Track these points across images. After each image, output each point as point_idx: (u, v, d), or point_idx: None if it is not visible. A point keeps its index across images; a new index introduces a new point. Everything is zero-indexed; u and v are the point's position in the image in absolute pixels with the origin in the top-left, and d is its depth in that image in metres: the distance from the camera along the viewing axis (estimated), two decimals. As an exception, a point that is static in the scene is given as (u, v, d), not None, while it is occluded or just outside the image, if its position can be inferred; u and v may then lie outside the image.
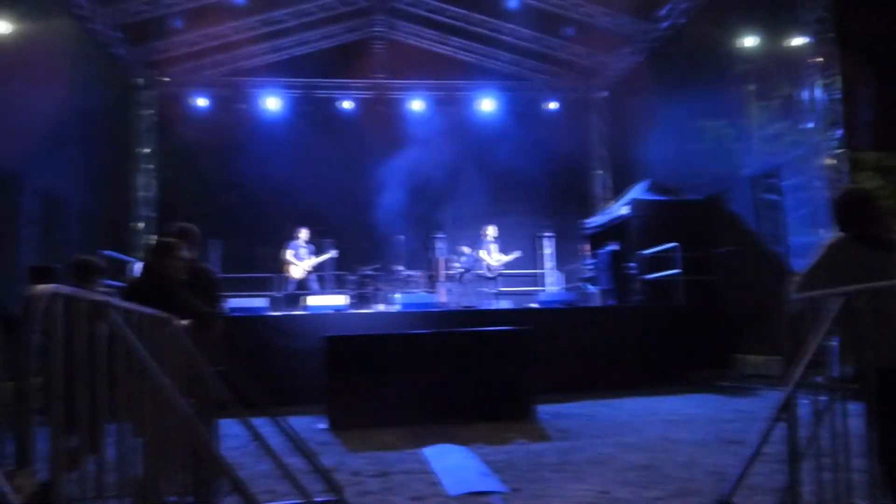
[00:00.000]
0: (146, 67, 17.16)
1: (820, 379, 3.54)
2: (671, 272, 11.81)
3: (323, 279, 15.46)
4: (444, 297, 14.47)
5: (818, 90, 11.14)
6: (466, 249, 14.96)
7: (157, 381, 2.64)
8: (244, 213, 17.86)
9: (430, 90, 18.84)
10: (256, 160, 17.61)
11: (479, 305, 13.61)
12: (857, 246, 3.70)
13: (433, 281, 15.50)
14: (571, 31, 16.91)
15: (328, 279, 16.20)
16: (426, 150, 17.14)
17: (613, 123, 19.22)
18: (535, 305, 12.90)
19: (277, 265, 14.09)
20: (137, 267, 12.82)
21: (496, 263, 14.50)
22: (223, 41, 16.72)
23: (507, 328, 9.22)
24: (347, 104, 18.47)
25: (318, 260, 13.87)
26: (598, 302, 14.36)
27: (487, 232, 14.67)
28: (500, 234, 14.98)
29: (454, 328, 9.77)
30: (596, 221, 15.92)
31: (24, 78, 11.26)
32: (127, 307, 2.70)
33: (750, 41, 12.80)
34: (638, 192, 14.44)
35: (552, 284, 18.04)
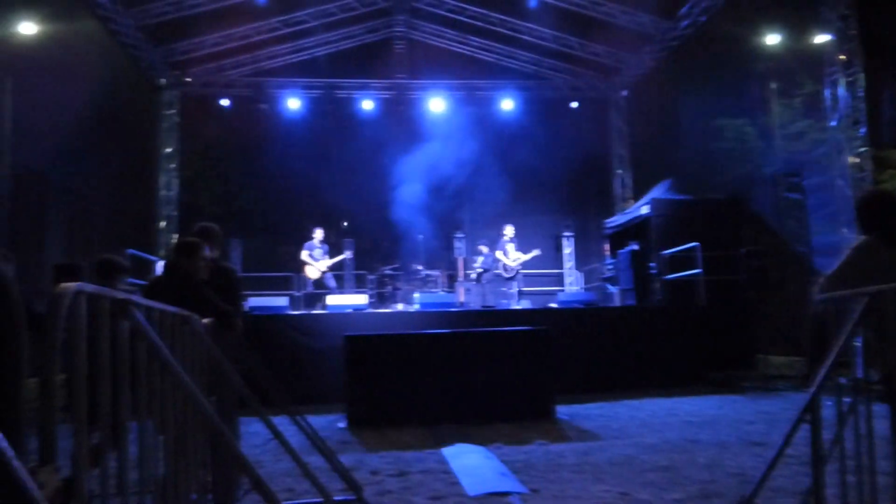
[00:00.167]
0: (169, 68, 17.31)
1: (844, 380, 3.50)
2: (692, 272, 11.73)
3: (342, 279, 15.52)
4: (462, 296, 14.47)
5: (841, 88, 11.01)
6: (484, 249, 14.97)
7: (178, 378, 2.66)
8: (265, 212, 18.00)
9: (450, 90, 18.84)
10: (277, 160, 17.74)
11: (498, 305, 13.60)
12: (881, 247, 3.66)
13: (452, 280, 15.51)
14: (592, 30, 16.85)
15: (348, 278, 16.27)
16: (446, 149, 17.15)
17: (634, 122, 19.11)
18: (554, 305, 12.86)
19: (297, 264, 14.18)
20: (160, 266, 12.96)
21: (513, 263, 14.48)
22: (245, 42, 16.83)
23: (526, 328, 9.20)
24: (368, 104, 18.52)
25: (332, 261, 13.92)
26: (618, 302, 14.30)
27: (505, 232, 14.68)
28: (520, 233, 14.97)
29: (473, 328, 9.76)
30: (616, 221, 15.85)
31: (48, 79, 11.41)
32: (149, 305, 2.73)
33: (771, 39, 12.70)
34: (658, 191, 14.36)
35: (572, 284, 17.99)
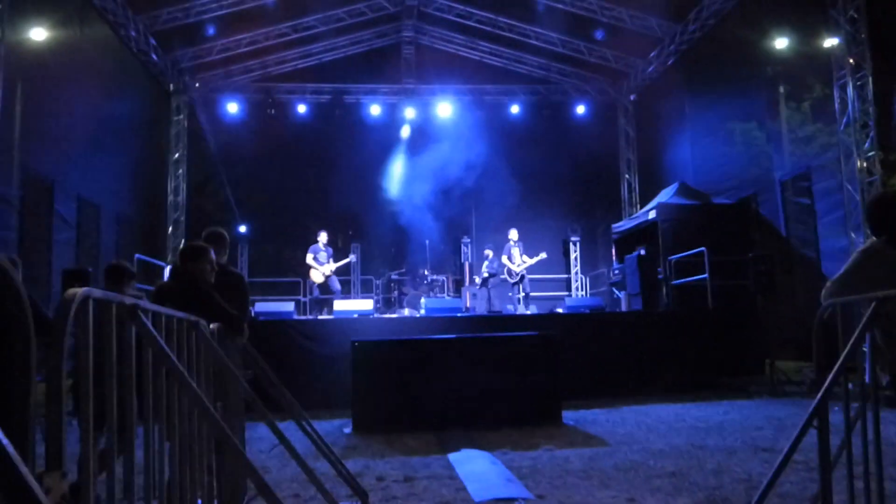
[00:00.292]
0: (178, 73, 17.41)
1: (852, 385, 3.48)
2: (699, 277, 11.70)
3: (349, 283, 15.54)
4: (469, 301, 14.49)
5: (850, 92, 10.98)
6: (489, 253, 15.01)
7: (185, 384, 2.66)
8: (273, 217, 18.07)
9: (458, 94, 18.88)
10: (285, 165, 17.82)
11: (504, 310, 13.59)
12: (888, 251, 3.64)
13: (459, 285, 15.52)
14: (600, 34, 16.86)
15: (354, 283, 16.30)
16: (454, 154, 17.18)
17: (642, 127, 19.11)
18: (561, 310, 12.85)
19: (304, 269, 14.22)
20: (168, 271, 13.01)
21: (518, 268, 14.48)
22: (253, 47, 16.91)
23: (533, 333, 9.18)
24: (376, 109, 18.58)
25: (337, 265, 13.92)
26: (625, 307, 14.27)
27: (510, 236, 14.70)
28: (527, 237, 14.99)
29: (480, 333, 9.75)
30: (624, 225, 15.83)
31: (58, 85, 11.48)
32: (156, 310, 2.74)
33: (780, 43, 12.65)
34: (666, 195, 14.33)
35: (579, 289, 17.97)
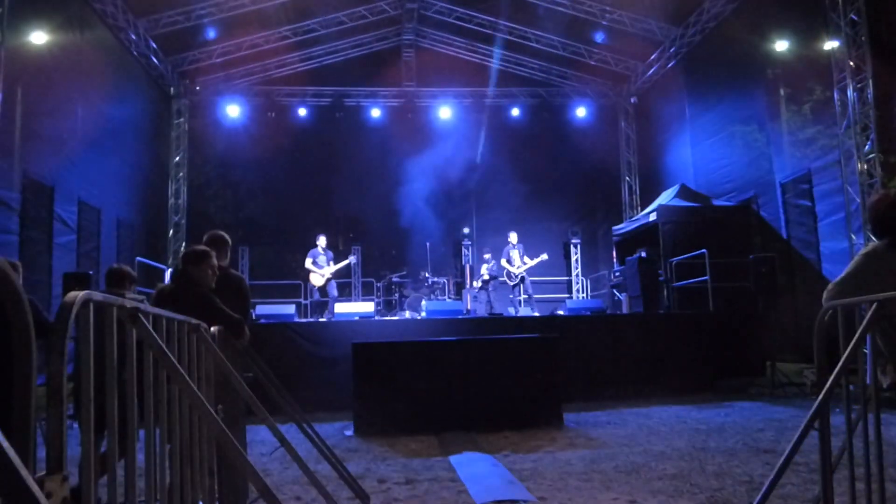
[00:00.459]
0: (179, 77, 17.43)
1: (853, 387, 3.48)
2: (700, 279, 11.70)
3: (349, 286, 15.54)
4: (470, 304, 14.49)
5: (850, 94, 10.98)
6: (488, 255, 15.03)
7: (186, 386, 2.66)
8: (273, 220, 18.09)
9: (458, 97, 18.90)
10: (286, 168, 17.85)
11: (505, 312, 13.59)
12: (892, 253, 3.63)
13: (460, 288, 15.53)
14: (601, 37, 16.88)
15: (355, 285, 16.30)
16: (454, 157, 17.19)
17: (643, 129, 19.14)
18: (562, 312, 12.85)
19: (304, 272, 14.22)
20: (168, 274, 13.02)
21: (517, 270, 14.48)
22: (254, 51, 16.93)
23: (534, 335, 9.18)
24: (376, 112, 18.60)
25: (336, 267, 13.91)
26: (626, 309, 14.27)
27: (509, 238, 14.72)
28: (528, 240, 15.02)
29: (481, 335, 9.75)
30: (625, 228, 15.84)
31: (58, 88, 11.49)
32: (157, 313, 2.74)
33: (780, 45, 12.67)
34: (667, 198, 14.34)
35: (580, 291, 17.98)
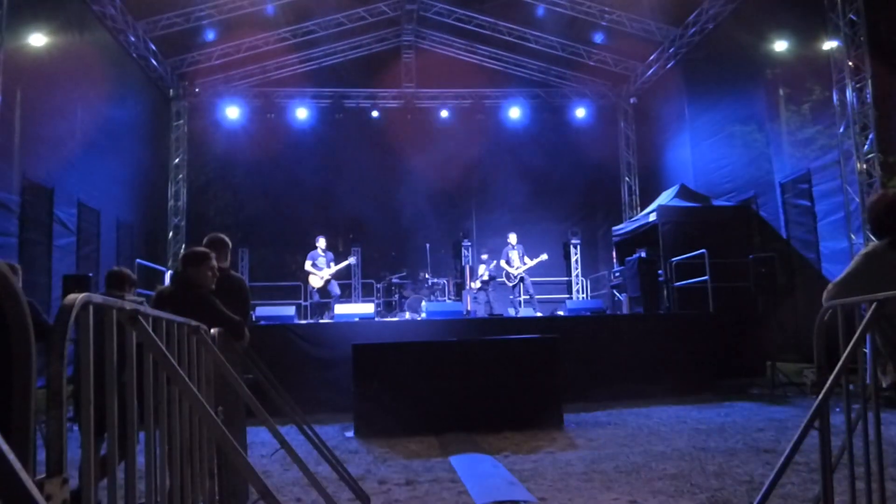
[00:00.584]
0: (178, 79, 17.44)
1: (853, 386, 3.48)
2: (700, 279, 11.71)
3: (349, 287, 15.53)
4: (470, 305, 14.49)
5: (849, 94, 10.99)
6: (485, 256, 15.04)
7: (186, 388, 2.66)
8: (273, 221, 18.09)
9: (458, 98, 18.91)
10: (286, 169, 17.84)
11: (505, 313, 13.59)
12: (892, 253, 3.63)
13: (460, 289, 15.53)
14: (600, 37, 16.89)
15: (355, 287, 16.30)
16: (454, 158, 17.19)
17: (642, 130, 19.14)
18: (562, 313, 12.85)
19: (304, 274, 14.22)
20: (168, 276, 13.02)
21: (516, 271, 14.48)
22: (253, 52, 16.92)
23: (534, 336, 9.19)
24: (376, 113, 18.60)
25: (336, 268, 13.89)
26: (626, 309, 14.28)
27: (508, 239, 14.72)
28: (528, 241, 15.01)
29: (481, 336, 9.75)
30: (625, 228, 15.84)
31: (58, 90, 11.49)
32: (156, 315, 2.74)
33: (780, 45, 12.68)
34: (667, 198, 14.35)
35: (580, 291, 17.98)
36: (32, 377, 2.07)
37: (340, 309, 12.10)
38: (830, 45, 11.41)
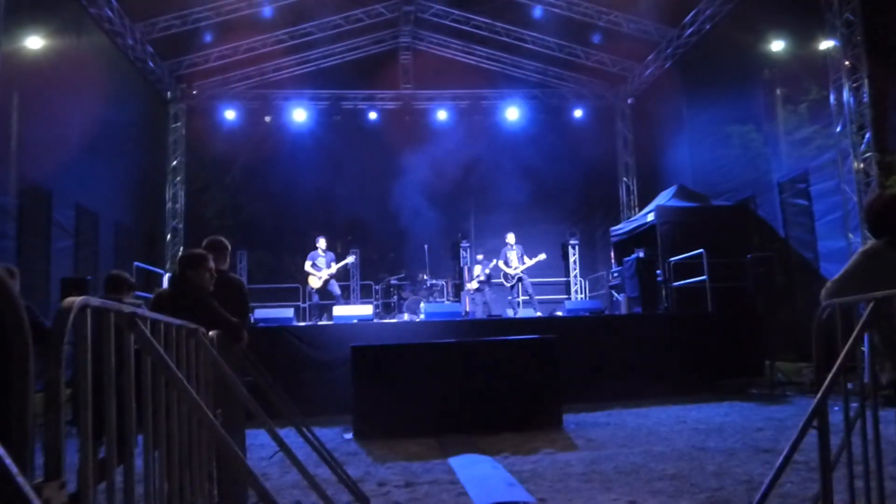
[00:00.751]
0: (175, 81, 17.43)
1: (851, 385, 3.48)
2: (698, 279, 11.71)
3: (348, 289, 15.52)
4: (468, 306, 14.48)
5: (846, 94, 11.00)
6: (480, 257, 15.04)
7: (184, 391, 2.66)
8: (271, 223, 18.08)
9: (455, 99, 18.91)
10: (284, 171, 17.83)
11: (504, 314, 13.59)
12: (890, 251, 3.64)
13: (458, 290, 15.52)
14: (597, 38, 16.90)
15: (354, 288, 16.29)
16: (452, 159, 17.19)
17: (640, 130, 19.15)
18: (561, 313, 12.84)
19: (303, 276, 14.21)
20: (166, 278, 13.00)
21: (513, 271, 14.47)
22: (251, 54, 16.93)
23: (532, 337, 9.17)
24: (374, 115, 18.60)
25: (335, 268, 13.86)
26: (624, 310, 14.28)
27: (507, 240, 14.71)
28: (526, 241, 15.00)
29: (479, 337, 9.75)
30: (623, 228, 15.84)
31: (56, 92, 11.48)
32: (155, 318, 2.74)
33: (776, 45, 12.70)
34: (665, 198, 14.35)
35: (579, 292, 17.98)
36: (30, 381, 2.06)
37: (339, 311, 12.09)
38: (827, 44, 11.42)
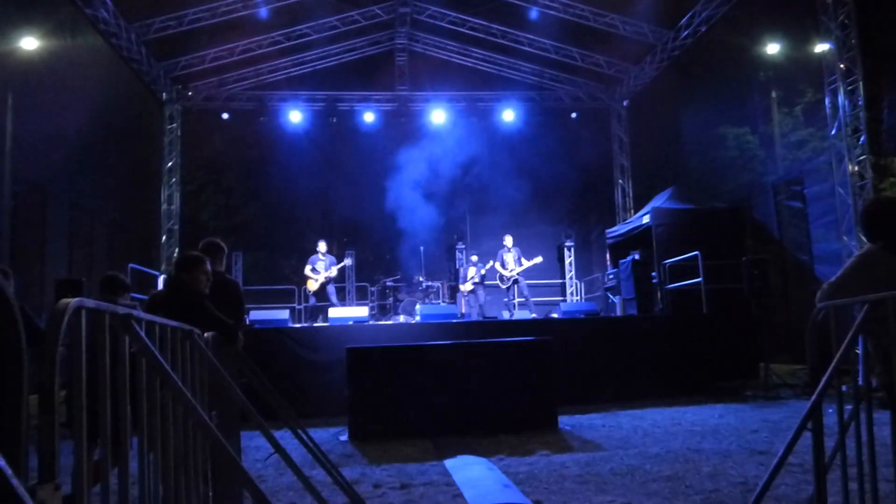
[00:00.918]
0: (171, 82, 17.40)
1: (845, 388, 3.49)
2: (694, 281, 11.72)
3: (343, 290, 15.51)
4: (464, 307, 14.47)
5: (841, 97, 11.04)
6: (474, 258, 15.03)
7: (179, 393, 2.66)
8: (267, 225, 18.07)
9: (451, 101, 18.91)
10: (279, 173, 17.82)
11: (500, 316, 13.59)
12: (886, 255, 3.64)
13: (454, 291, 15.51)
14: (593, 40, 16.93)
15: (349, 290, 16.28)
16: (448, 161, 17.19)
17: (635, 132, 19.17)
18: (556, 315, 12.84)
19: (299, 278, 14.21)
20: (162, 280, 12.98)
21: (509, 274, 14.47)
22: (247, 55, 16.92)
23: (528, 339, 9.17)
24: (370, 116, 18.58)
25: (335, 270, 13.85)
26: (620, 312, 14.28)
27: (504, 242, 14.72)
28: (522, 243, 14.99)
29: (475, 339, 9.74)
30: (618, 230, 15.85)
31: (51, 93, 11.46)
32: (150, 320, 2.73)
33: (772, 48, 12.74)
34: (660, 200, 14.36)
35: (574, 294, 17.99)
36: (24, 382, 2.06)
37: (334, 312, 12.08)
38: (822, 47, 11.46)
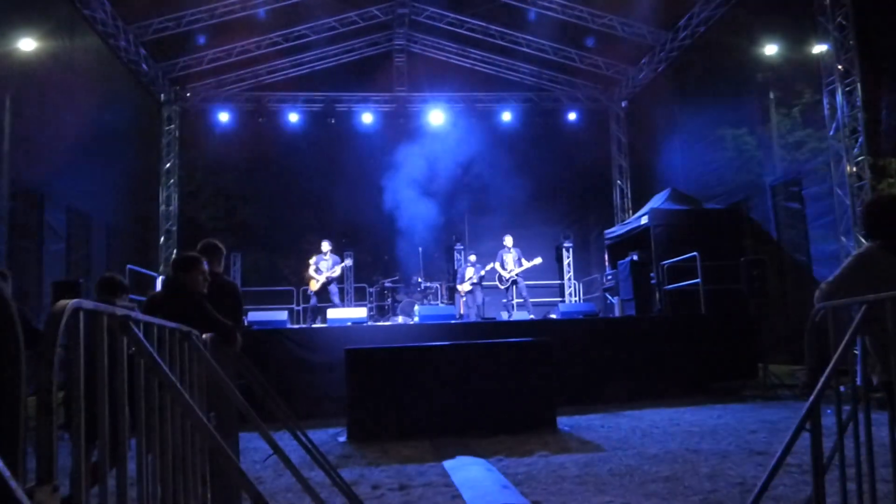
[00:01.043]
0: (169, 83, 17.39)
1: (844, 388, 3.49)
2: (692, 282, 11.73)
3: (342, 291, 15.51)
4: (462, 308, 14.47)
5: (839, 97, 11.04)
6: (473, 259, 15.03)
7: (177, 394, 2.65)
8: (265, 226, 18.06)
9: (450, 102, 18.91)
10: (278, 174, 17.82)
11: (498, 317, 13.59)
12: (885, 254, 3.63)
13: (452, 292, 15.50)
14: (591, 41, 16.94)
15: (348, 291, 16.27)
16: (447, 161, 17.19)
17: (633, 133, 19.19)
18: (555, 316, 12.84)
19: (298, 279, 14.21)
20: (160, 281, 12.96)
21: (508, 274, 14.47)
22: (245, 56, 16.92)
23: (527, 339, 9.17)
24: (368, 117, 18.57)
25: (338, 269, 13.86)
26: (618, 312, 14.28)
27: (504, 242, 14.72)
28: (521, 244, 15.00)
29: (474, 340, 9.74)
30: (617, 231, 15.86)
31: (48, 96, 11.45)
32: (148, 321, 2.73)
33: (770, 49, 12.74)
34: (658, 201, 14.37)
35: (573, 294, 18.00)
36: (22, 384, 2.05)
37: (333, 313, 12.07)
38: (820, 48, 11.47)
